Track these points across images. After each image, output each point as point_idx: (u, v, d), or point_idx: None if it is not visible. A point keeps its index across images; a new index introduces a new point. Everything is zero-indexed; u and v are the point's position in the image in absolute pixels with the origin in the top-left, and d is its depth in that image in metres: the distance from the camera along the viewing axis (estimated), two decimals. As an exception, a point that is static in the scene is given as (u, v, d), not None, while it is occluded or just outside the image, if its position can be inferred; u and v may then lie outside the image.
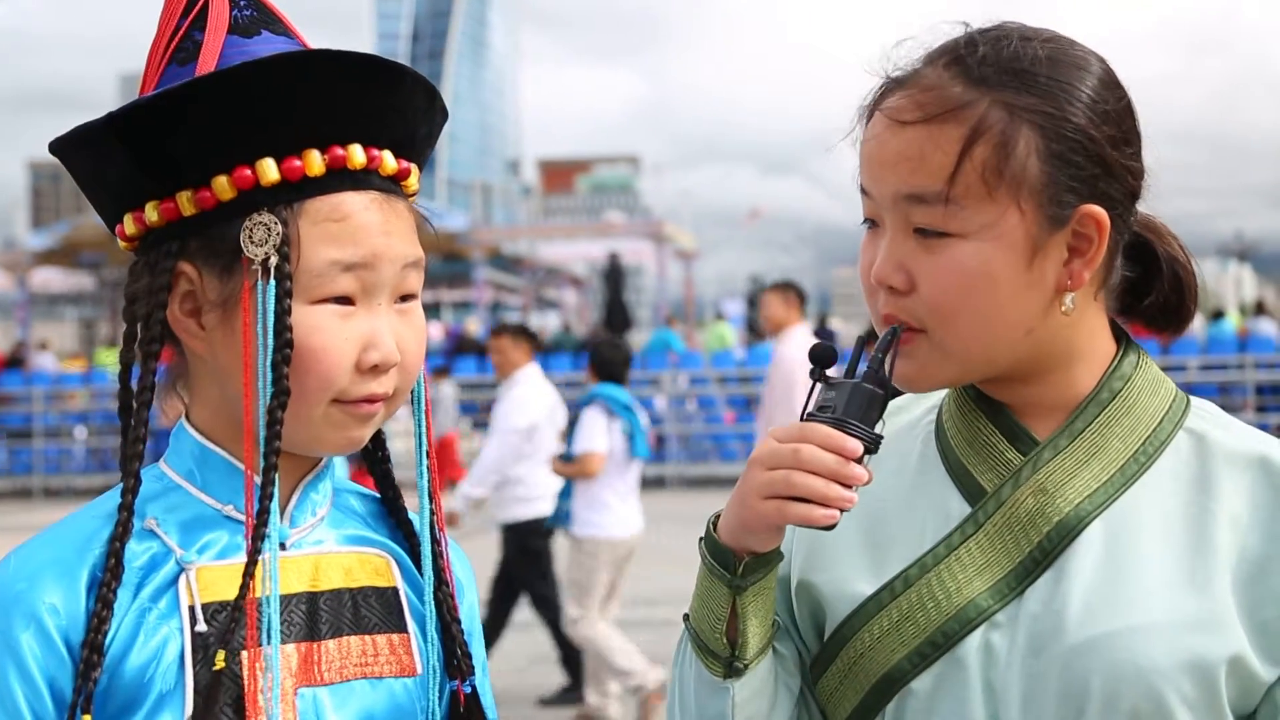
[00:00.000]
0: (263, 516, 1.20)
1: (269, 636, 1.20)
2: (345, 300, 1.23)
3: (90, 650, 1.16)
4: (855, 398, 1.21)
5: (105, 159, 1.25)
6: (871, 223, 1.31)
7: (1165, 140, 1.31)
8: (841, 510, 1.18)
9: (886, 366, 1.23)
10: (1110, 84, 1.27)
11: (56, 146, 1.27)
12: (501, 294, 37.69)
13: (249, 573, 1.19)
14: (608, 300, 32.16)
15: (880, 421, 1.22)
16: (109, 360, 22.86)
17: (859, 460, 1.19)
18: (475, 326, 25.16)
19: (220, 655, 1.18)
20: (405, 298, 1.28)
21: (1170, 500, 1.27)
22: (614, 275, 31.96)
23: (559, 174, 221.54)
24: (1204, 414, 1.33)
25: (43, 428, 19.69)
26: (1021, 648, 1.24)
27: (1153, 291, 1.35)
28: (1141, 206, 1.33)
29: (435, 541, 1.34)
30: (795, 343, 7.48)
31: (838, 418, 1.20)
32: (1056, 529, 1.25)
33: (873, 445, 1.20)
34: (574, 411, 6.80)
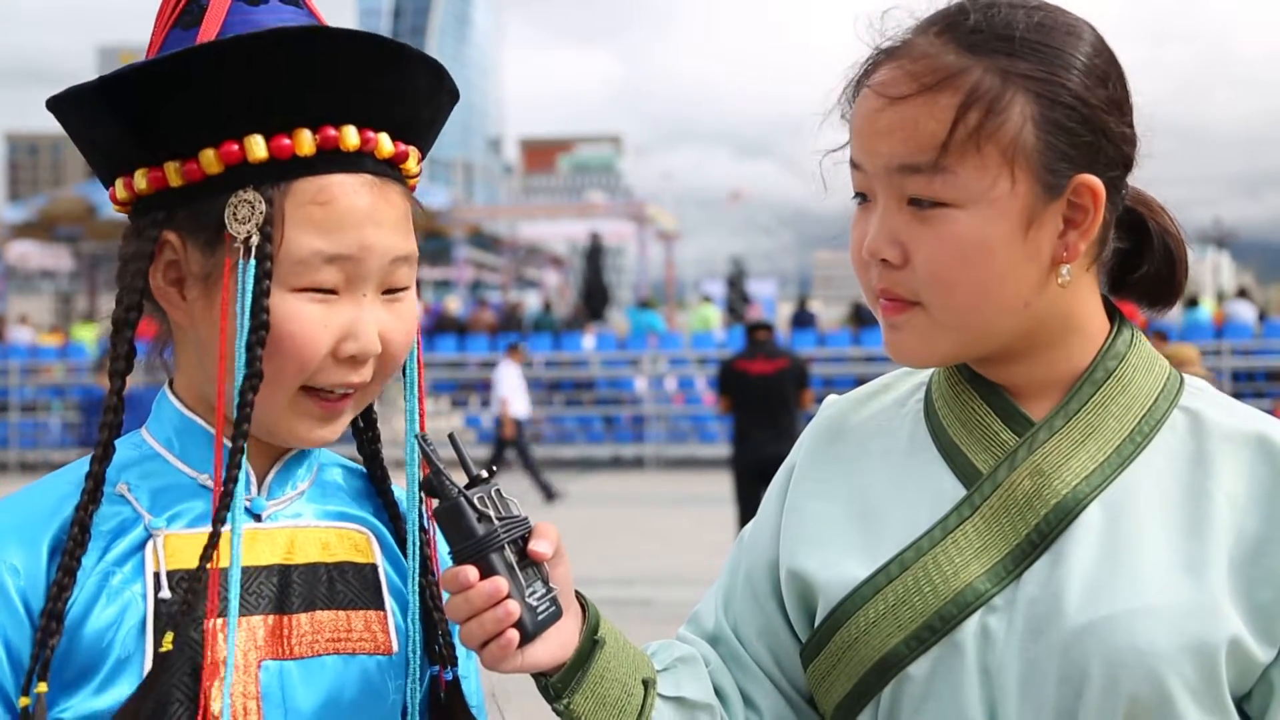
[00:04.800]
0: (225, 500, 1.18)
1: (227, 608, 1.18)
2: (328, 289, 1.21)
3: (49, 618, 1.16)
4: (443, 527, 1.20)
5: (96, 123, 1.23)
6: (862, 197, 1.30)
7: (1137, 130, 1.29)
8: (515, 627, 1.16)
9: (443, 480, 1.19)
10: (1103, 49, 1.27)
11: (52, 104, 1.26)
12: (482, 273, 37.61)
13: (211, 545, 1.18)
14: (588, 280, 32.14)
15: (484, 511, 1.18)
16: (86, 335, 22.77)
17: (486, 566, 1.16)
18: (455, 305, 25.10)
19: (169, 637, 1.17)
20: (395, 289, 1.26)
21: (1167, 480, 1.26)
22: (595, 255, 31.92)
23: (541, 153, 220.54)
24: (1198, 392, 1.32)
25: (18, 401, 19.59)
26: (1019, 631, 1.22)
27: (1144, 264, 1.34)
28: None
29: (422, 527, 1.32)
30: None
31: (451, 552, 1.19)
32: (1054, 511, 1.24)
33: (487, 542, 1.17)
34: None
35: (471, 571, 1.16)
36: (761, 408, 9.40)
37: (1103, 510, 1.25)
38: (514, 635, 1.16)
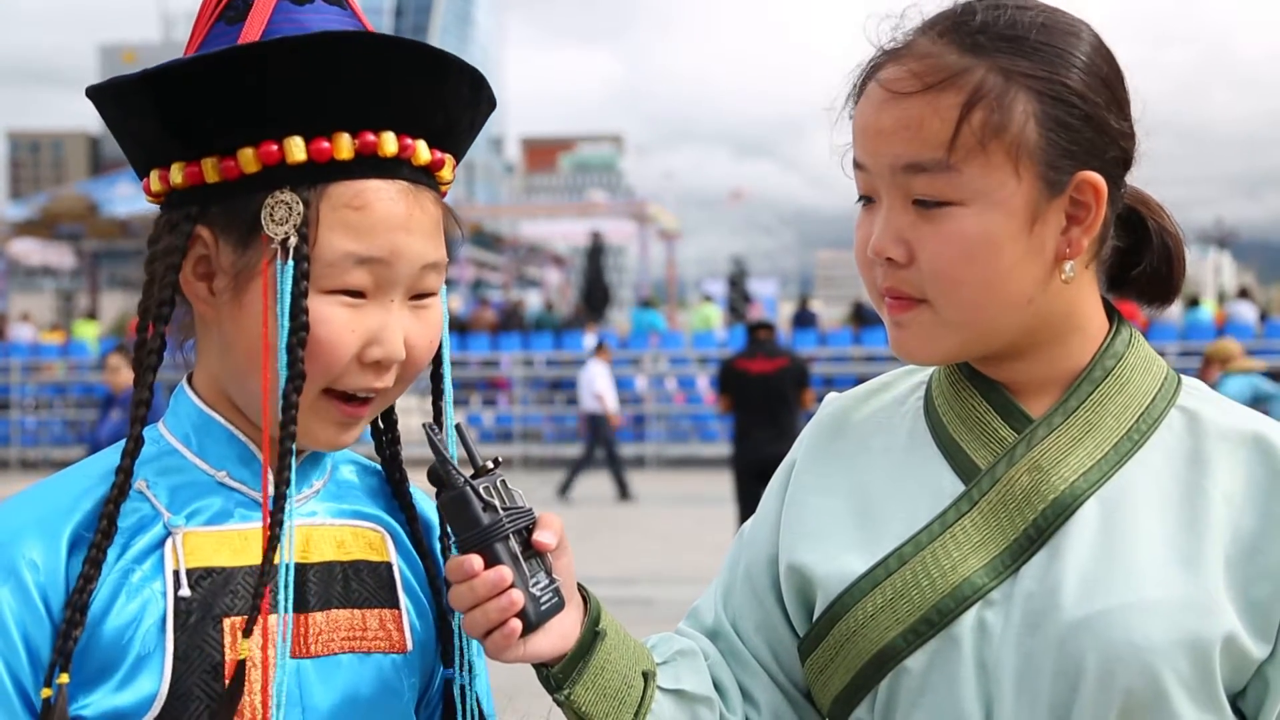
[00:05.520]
0: (280, 501, 1.19)
1: (283, 606, 1.19)
2: (356, 293, 1.21)
3: (74, 610, 1.16)
4: (449, 516, 1.20)
5: (136, 115, 1.24)
6: (866, 199, 1.31)
7: (1136, 130, 1.31)
8: (518, 616, 1.17)
9: (449, 470, 1.20)
10: (1102, 49, 1.28)
11: (93, 92, 1.26)
12: (483, 271, 37.62)
13: (271, 548, 1.18)
14: (589, 280, 32.16)
15: (489, 501, 1.19)
16: (87, 333, 22.77)
17: (490, 555, 1.17)
18: (456, 304, 25.12)
19: (244, 645, 1.18)
20: (422, 295, 1.26)
21: (1164, 478, 1.27)
22: (596, 255, 31.93)
23: (542, 152, 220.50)
24: (1196, 392, 1.33)
25: (20, 399, 19.60)
26: (1016, 626, 1.23)
27: (1143, 261, 1.36)
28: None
29: (445, 531, 1.33)
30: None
31: (455, 541, 1.20)
32: (1052, 507, 1.25)
33: (492, 531, 1.18)
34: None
35: (476, 560, 1.17)
36: (762, 407, 9.41)
37: (1100, 506, 1.25)
38: (517, 625, 1.17)
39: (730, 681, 1.37)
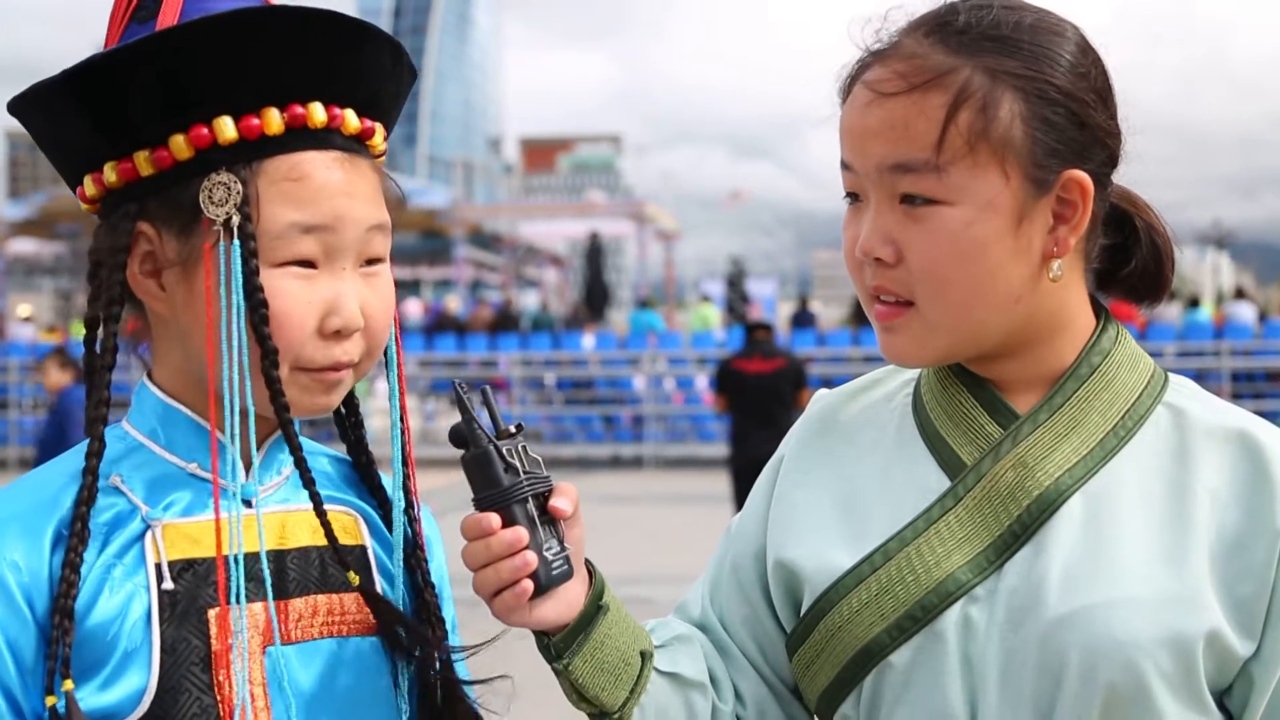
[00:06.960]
0: (306, 475, 1.22)
1: (238, 595, 1.19)
2: (307, 263, 1.22)
3: (61, 615, 1.15)
4: (470, 475, 1.22)
5: (62, 119, 1.23)
6: (854, 197, 1.31)
7: (1130, 131, 1.32)
8: (530, 578, 1.19)
9: (474, 429, 1.22)
10: (1086, 48, 1.29)
11: (14, 106, 1.25)
12: (481, 272, 37.61)
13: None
14: (588, 280, 32.17)
15: (511, 463, 1.20)
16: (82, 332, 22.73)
17: (508, 515, 1.19)
18: (455, 304, 25.11)
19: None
20: (372, 261, 1.27)
21: (1149, 474, 1.27)
22: (595, 255, 31.95)
23: (541, 152, 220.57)
24: (1182, 389, 1.33)
25: (18, 399, 19.60)
26: (1000, 621, 1.24)
27: (1132, 259, 1.36)
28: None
29: (409, 505, 1.33)
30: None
31: (475, 499, 1.21)
32: (1036, 503, 1.25)
33: (512, 492, 1.20)
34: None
35: (494, 518, 1.19)
36: (759, 408, 9.41)
37: (1084, 502, 1.26)
38: (528, 585, 1.19)
39: (722, 671, 1.38)
